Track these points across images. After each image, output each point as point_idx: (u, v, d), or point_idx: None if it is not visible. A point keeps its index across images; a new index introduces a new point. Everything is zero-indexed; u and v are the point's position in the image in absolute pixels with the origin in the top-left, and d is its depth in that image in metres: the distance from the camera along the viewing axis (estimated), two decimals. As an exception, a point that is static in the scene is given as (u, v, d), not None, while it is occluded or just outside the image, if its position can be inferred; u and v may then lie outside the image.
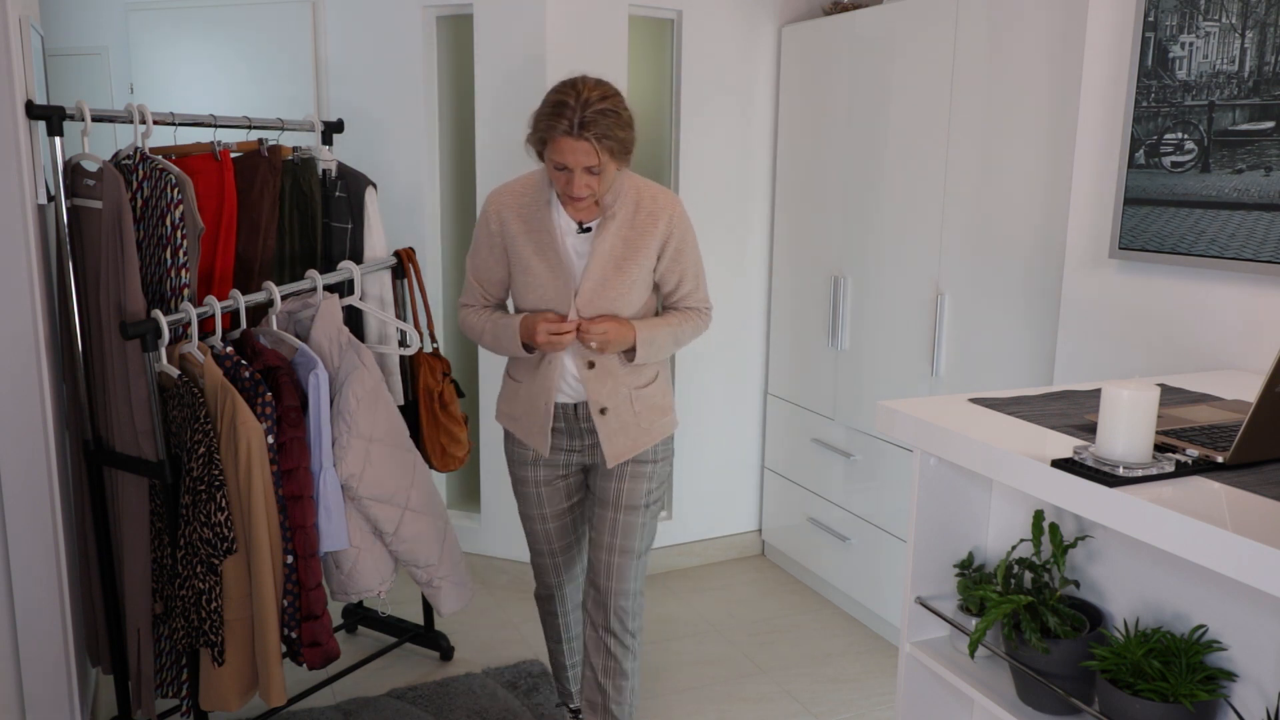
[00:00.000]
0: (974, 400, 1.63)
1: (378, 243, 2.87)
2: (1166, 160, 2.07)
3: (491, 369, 3.41)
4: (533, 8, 3.15)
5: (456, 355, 3.61)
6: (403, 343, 2.85)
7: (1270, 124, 1.87)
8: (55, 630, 2.25)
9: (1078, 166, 2.29)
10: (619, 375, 2.18)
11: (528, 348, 2.15)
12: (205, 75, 3.89)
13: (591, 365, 2.15)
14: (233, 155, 2.57)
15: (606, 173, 2.01)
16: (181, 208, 2.26)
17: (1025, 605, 1.43)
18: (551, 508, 2.34)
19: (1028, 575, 1.54)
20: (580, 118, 1.93)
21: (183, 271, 2.31)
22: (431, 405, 2.80)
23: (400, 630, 3.09)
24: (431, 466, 2.80)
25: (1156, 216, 2.10)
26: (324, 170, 2.80)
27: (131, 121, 2.33)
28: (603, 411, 2.18)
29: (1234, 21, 1.92)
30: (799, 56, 3.40)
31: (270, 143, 2.62)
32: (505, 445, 2.36)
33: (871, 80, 3.03)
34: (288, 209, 2.73)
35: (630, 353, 2.17)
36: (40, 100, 2.34)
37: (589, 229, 2.12)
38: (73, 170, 2.25)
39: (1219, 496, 1.17)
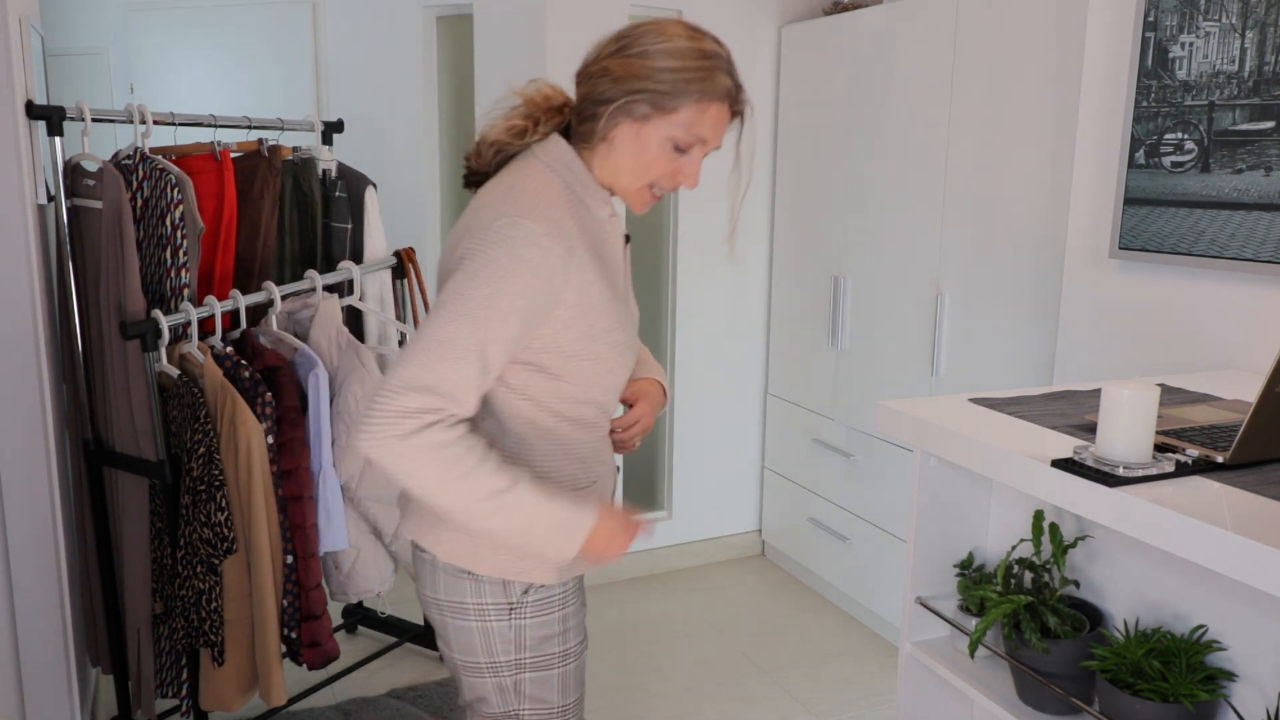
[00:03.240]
0: (974, 400, 1.63)
1: (378, 243, 2.87)
2: (1166, 160, 2.07)
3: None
4: (533, 8, 3.15)
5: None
6: (403, 343, 2.85)
7: (1270, 124, 1.87)
8: (55, 630, 2.25)
9: (1078, 166, 2.29)
10: None
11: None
12: (205, 75, 3.89)
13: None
14: (233, 155, 2.57)
15: None
16: (181, 208, 2.27)
17: (1025, 605, 1.43)
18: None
19: (1028, 575, 1.54)
20: (738, 79, 1.37)
21: (183, 271, 2.31)
22: (431, 405, 2.80)
23: (400, 630, 3.09)
24: (431, 466, 2.80)
25: (1156, 216, 2.09)
26: (324, 170, 2.80)
27: (131, 121, 2.33)
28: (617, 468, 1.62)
29: (1234, 21, 1.92)
30: (799, 56, 3.40)
31: (270, 143, 2.62)
32: (511, 613, 1.39)
33: (872, 80, 3.03)
34: (288, 209, 2.73)
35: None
36: (40, 100, 2.34)
37: (628, 238, 1.50)
38: (73, 170, 2.25)
39: (1219, 496, 1.17)
